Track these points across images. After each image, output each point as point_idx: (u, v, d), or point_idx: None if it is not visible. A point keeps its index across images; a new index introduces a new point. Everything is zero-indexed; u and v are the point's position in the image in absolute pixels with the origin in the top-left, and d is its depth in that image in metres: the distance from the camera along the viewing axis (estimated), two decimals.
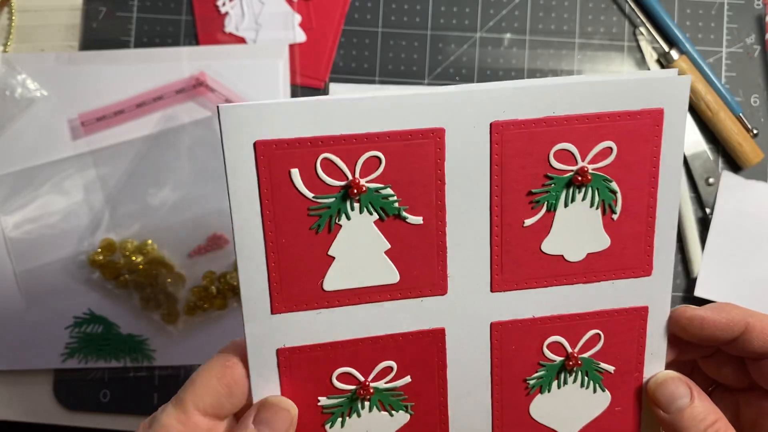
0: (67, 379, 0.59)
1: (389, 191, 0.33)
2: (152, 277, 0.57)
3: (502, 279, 0.36)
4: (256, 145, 0.32)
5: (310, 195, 0.33)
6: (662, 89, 0.34)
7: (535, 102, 0.33)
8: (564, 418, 0.38)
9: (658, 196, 0.36)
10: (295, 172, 0.32)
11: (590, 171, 0.34)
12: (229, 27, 0.60)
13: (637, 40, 0.61)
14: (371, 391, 0.36)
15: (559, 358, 0.37)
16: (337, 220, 0.33)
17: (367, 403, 0.36)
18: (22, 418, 0.59)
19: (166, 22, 0.60)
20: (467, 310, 0.36)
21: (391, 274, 0.35)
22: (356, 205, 0.33)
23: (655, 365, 0.38)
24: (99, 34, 0.60)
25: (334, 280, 0.34)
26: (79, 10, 0.60)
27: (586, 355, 0.37)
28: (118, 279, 0.58)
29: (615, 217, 0.35)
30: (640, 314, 0.37)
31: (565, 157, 0.34)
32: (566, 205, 0.35)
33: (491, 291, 0.36)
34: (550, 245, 0.35)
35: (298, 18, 0.60)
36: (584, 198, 0.35)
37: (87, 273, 0.58)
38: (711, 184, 0.59)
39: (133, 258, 0.58)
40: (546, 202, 0.35)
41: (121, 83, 0.58)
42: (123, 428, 0.59)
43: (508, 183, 0.34)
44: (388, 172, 0.33)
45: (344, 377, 0.36)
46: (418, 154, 0.33)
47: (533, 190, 0.35)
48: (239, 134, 0.31)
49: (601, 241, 0.36)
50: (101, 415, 0.59)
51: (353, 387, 0.36)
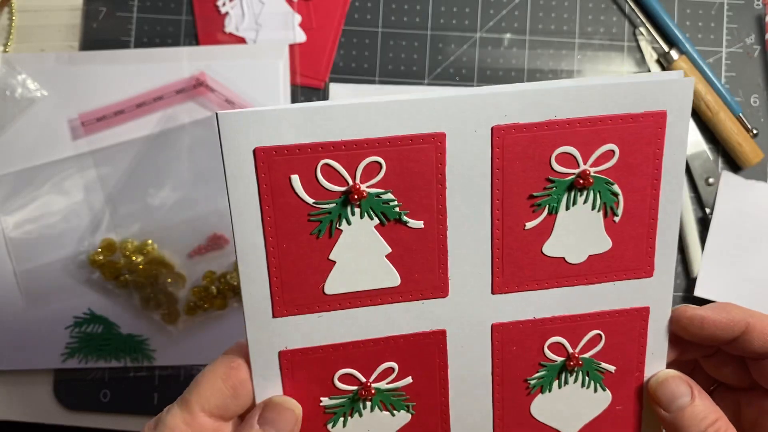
0: (67, 379, 0.59)
1: (390, 196, 0.33)
2: (152, 277, 0.57)
3: (503, 281, 0.36)
4: (255, 151, 0.32)
5: (311, 201, 0.33)
6: (665, 91, 0.34)
7: (537, 106, 0.33)
8: (565, 417, 0.38)
9: (660, 198, 0.35)
10: (296, 179, 0.32)
11: (592, 174, 0.34)
12: (229, 27, 0.60)
13: (637, 40, 0.61)
14: (373, 391, 0.36)
15: (560, 359, 0.37)
16: (337, 225, 0.33)
17: (368, 404, 0.36)
18: (22, 418, 0.59)
19: (166, 22, 0.60)
20: (468, 312, 0.36)
21: (392, 278, 0.35)
22: (357, 210, 0.33)
23: (656, 365, 0.38)
24: (99, 34, 0.60)
25: (335, 284, 0.34)
26: (79, 10, 0.60)
27: (587, 356, 0.38)
28: (119, 279, 0.58)
29: (616, 219, 0.35)
30: (641, 315, 0.37)
31: (567, 160, 0.34)
32: (568, 208, 0.35)
33: (492, 293, 0.36)
34: (552, 247, 0.35)
35: (298, 18, 0.60)
36: (586, 201, 0.35)
37: (87, 273, 0.58)
38: (711, 184, 0.59)
39: (134, 258, 0.57)
40: (547, 205, 0.35)
41: (121, 83, 0.58)
42: (123, 428, 0.59)
43: (510, 187, 0.34)
44: (389, 177, 0.33)
45: (346, 378, 0.36)
46: (419, 159, 0.33)
47: (535, 194, 0.34)
48: (239, 141, 0.31)
49: (603, 243, 0.36)
50: (101, 415, 0.59)
51: (355, 388, 0.36)
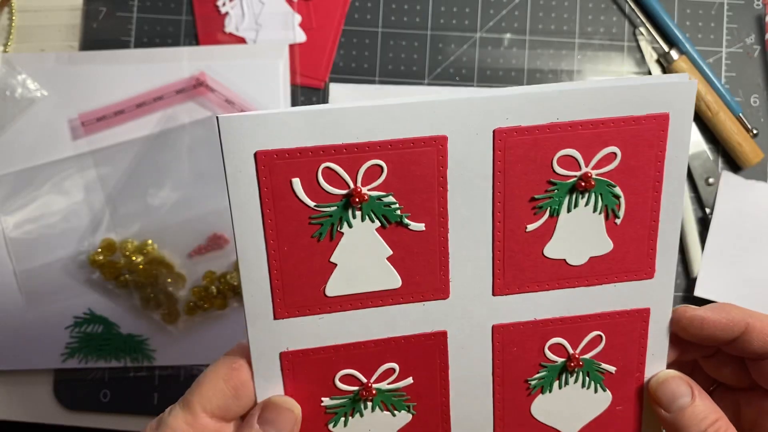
0: (67, 379, 0.59)
1: (391, 199, 0.33)
2: (152, 277, 0.57)
3: (504, 283, 0.36)
4: (256, 155, 0.32)
5: (312, 203, 0.33)
6: (668, 94, 0.34)
7: (539, 108, 0.33)
8: (565, 418, 0.39)
9: (661, 201, 0.35)
10: (297, 182, 0.32)
11: (594, 176, 0.34)
12: (229, 27, 0.60)
13: (637, 40, 0.61)
14: (374, 392, 0.36)
15: (560, 359, 0.37)
16: (338, 228, 0.33)
17: (369, 404, 0.37)
18: (22, 418, 0.59)
19: (166, 22, 0.60)
20: (469, 314, 0.36)
21: (393, 280, 0.35)
22: (358, 213, 0.33)
23: (657, 365, 0.38)
24: (99, 34, 0.60)
25: (336, 286, 0.34)
26: (79, 10, 0.60)
27: (587, 356, 0.38)
28: (119, 279, 0.58)
29: (618, 221, 0.35)
30: (642, 316, 0.37)
31: (569, 162, 0.34)
32: (569, 210, 0.35)
33: (493, 295, 0.36)
34: (553, 249, 0.35)
35: (298, 18, 0.60)
36: (587, 203, 0.35)
37: (87, 273, 0.58)
38: (711, 184, 0.59)
39: (134, 258, 0.57)
40: (549, 208, 0.35)
41: (121, 83, 0.58)
42: (123, 428, 0.59)
43: (511, 189, 0.34)
44: (390, 180, 0.33)
45: (347, 379, 0.36)
46: (421, 162, 0.33)
47: (536, 196, 0.34)
48: (239, 145, 0.31)
49: (604, 245, 0.36)
50: (101, 415, 0.59)
51: (356, 388, 0.36)
